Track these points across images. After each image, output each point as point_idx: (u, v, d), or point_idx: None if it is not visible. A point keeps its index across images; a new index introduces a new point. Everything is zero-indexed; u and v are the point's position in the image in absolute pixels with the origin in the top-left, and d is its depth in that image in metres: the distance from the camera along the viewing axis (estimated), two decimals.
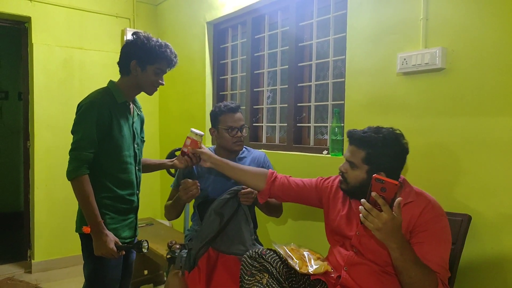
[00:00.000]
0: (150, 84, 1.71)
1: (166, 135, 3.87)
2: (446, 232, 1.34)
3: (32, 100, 3.28)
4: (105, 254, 1.60)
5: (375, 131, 1.41)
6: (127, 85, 1.72)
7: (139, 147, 1.82)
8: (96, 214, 1.57)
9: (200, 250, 1.77)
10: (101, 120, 1.61)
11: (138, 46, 1.65)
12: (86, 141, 1.59)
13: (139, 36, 1.67)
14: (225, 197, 1.84)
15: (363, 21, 1.97)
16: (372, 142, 1.38)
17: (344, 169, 1.48)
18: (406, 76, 1.78)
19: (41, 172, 3.31)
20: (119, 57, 1.72)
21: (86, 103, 1.63)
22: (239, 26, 3.04)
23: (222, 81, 3.27)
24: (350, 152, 1.45)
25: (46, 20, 3.30)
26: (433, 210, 1.35)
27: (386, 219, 1.15)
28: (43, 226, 3.33)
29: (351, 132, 1.46)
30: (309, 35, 2.47)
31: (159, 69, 1.69)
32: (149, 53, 1.65)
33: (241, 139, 2.01)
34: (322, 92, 2.42)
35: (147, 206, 3.69)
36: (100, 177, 1.65)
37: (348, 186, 1.48)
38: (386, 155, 1.37)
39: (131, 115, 1.76)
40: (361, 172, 1.41)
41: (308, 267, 1.44)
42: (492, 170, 1.50)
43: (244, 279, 1.45)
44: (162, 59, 1.68)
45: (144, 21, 3.82)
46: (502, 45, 1.47)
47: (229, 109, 1.98)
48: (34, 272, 3.28)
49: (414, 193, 1.41)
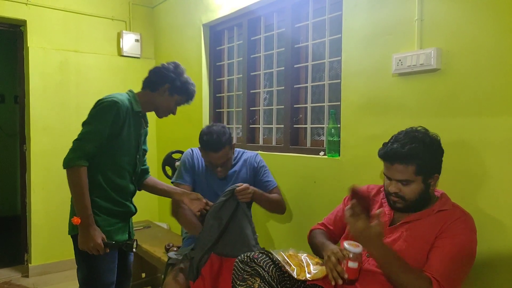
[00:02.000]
0: (167, 110, 1.83)
1: (163, 138, 3.87)
2: (469, 247, 1.31)
3: (28, 104, 3.27)
4: (91, 248, 1.58)
5: (410, 141, 1.37)
6: (146, 99, 1.80)
7: (141, 159, 1.86)
8: (87, 207, 1.58)
9: (202, 259, 1.74)
10: (116, 121, 1.63)
11: (176, 75, 1.79)
12: (95, 136, 1.61)
13: (179, 66, 1.84)
14: (221, 200, 1.82)
15: (359, 22, 1.98)
16: (417, 153, 1.35)
17: (397, 189, 1.40)
18: (402, 77, 1.79)
19: (38, 175, 3.30)
20: (152, 74, 1.81)
21: (108, 100, 1.65)
22: (235, 28, 3.04)
23: (218, 83, 3.27)
24: (397, 171, 1.38)
25: (41, 23, 3.29)
26: (465, 223, 1.34)
27: (360, 227, 1.24)
28: (40, 230, 3.31)
29: (387, 152, 1.39)
30: (305, 37, 2.48)
31: (181, 100, 1.84)
32: (182, 85, 1.81)
33: (222, 171, 1.97)
34: (319, 93, 2.43)
35: (144, 209, 3.67)
36: (97, 176, 1.65)
37: (406, 203, 1.41)
38: (432, 158, 1.38)
39: (140, 127, 1.80)
40: (417, 184, 1.37)
41: (306, 273, 1.41)
42: (489, 169, 1.50)
43: (236, 284, 1.44)
44: (187, 94, 1.84)
45: (140, 24, 3.82)
46: (497, 46, 1.47)
47: (211, 149, 1.90)
48: (31, 276, 3.26)
49: (451, 204, 1.41)
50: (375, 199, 1.59)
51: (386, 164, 1.42)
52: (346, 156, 2.06)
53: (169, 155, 2.84)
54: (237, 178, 2.06)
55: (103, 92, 3.86)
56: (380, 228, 1.23)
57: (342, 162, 2.08)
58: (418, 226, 1.38)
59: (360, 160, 1.97)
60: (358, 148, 1.98)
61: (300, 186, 2.34)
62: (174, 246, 2.41)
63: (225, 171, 1.99)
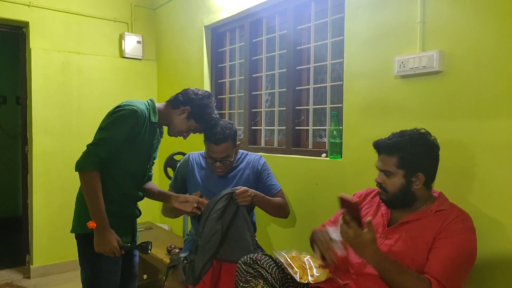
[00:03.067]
0: (178, 131, 1.82)
1: (164, 139, 3.85)
2: (469, 246, 1.32)
3: (30, 105, 3.28)
4: (107, 251, 1.60)
5: (399, 135, 1.43)
6: (165, 113, 1.80)
7: (150, 168, 1.88)
8: (102, 210, 1.59)
9: (205, 266, 1.72)
10: (133, 130, 1.64)
11: (203, 104, 1.78)
12: (111, 142, 1.61)
13: (210, 97, 1.83)
14: (223, 205, 1.78)
15: (361, 24, 1.98)
16: (401, 145, 1.39)
17: (380, 180, 1.46)
18: (404, 79, 1.79)
19: (40, 176, 3.30)
20: (183, 94, 1.80)
21: (130, 108, 1.65)
22: (237, 29, 3.05)
23: (220, 84, 3.27)
24: (382, 162, 1.45)
25: (44, 25, 3.30)
26: (462, 222, 1.35)
27: (351, 235, 1.26)
28: (41, 231, 3.32)
29: (377, 142, 1.47)
30: (307, 39, 2.48)
31: (195, 128, 1.83)
32: (202, 114, 1.79)
33: (221, 168, 1.95)
34: (320, 95, 2.43)
35: (146, 211, 3.66)
36: (106, 182, 1.65)
37: (388, 196, 1.45)
38: (417, 155, 1.39)
39: (154, 137, 1.81)
40: (398, 178, 1.41)
41: (309, 276, 1.41)
42: (491, 171, 1.50)
43: (239, 286, 1.44)
44: (204, 124, 1.82)
45: (142, 25, 3.83)
46: (499, 48, 1.47)
47: (213, 140, 1.88)
48: (33, 277, 3.26)
49: (449, 204, 1.42)
50: (373, 200, 1.61)
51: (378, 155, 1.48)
52: (348, 158, 2.06)
53: (171, 156, 2.84)
54: (240, 179, 2.03)
55: (105, 93, 3.86)
56: (371, 235, 1.25)
57: (344, 164, 2.08)
58: (417, 227, 1.38)
59: (362, 162, 1.97)
60: (360, 150, 1.98)
61: (302, 188, 2.33)
62: (176, 248, 2.41)
63: (223, 169, 1.95)
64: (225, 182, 2.03)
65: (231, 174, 2.05)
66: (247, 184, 1.97)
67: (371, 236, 1.25)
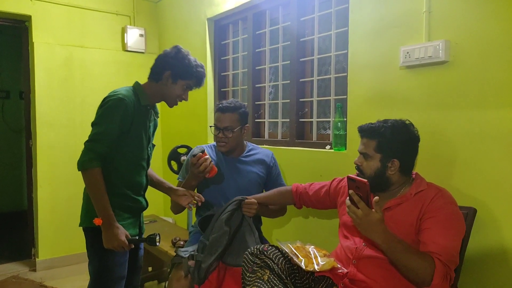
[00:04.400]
0: (175, 97, 1.76)
1: (168, 133, 3.87)
2: (454, 219, 1.35)
3: (34, 99, 3.28)
4: (116, 246, 1.60)
5: (383, 121, 1.50)
6: (153, 91, 1.75)
7: (151, 151, 1.85)
8: (107, 207, 1.59)
9: (212, 265, 1.72)
10: (125, 118, 1.62)
11: (177, 59, 1.71)
12: (106, 135, 1.60)
13: (180, 50, 1.74)
14: (232, 208, 1.80)
15: (365, 15, 1.96)
16: (381, 130, 1.45)
17: (359, 162, 1.53)
18: (409, 69, 1.78)
19: (44, 170, 3.31)
20: (154, 63, 1.75)
21: (115, 98, 1.63)
22: (240, 22, 3.03)
23: (223, 77, 3.26)
24: (363, 145, 1.51)
25: (46, 18, 3.29)
26: (442, 198, 1.39)
27: (361, 214, 1.26)
28: (47, 225, 3.34)
29: (361, 126, 1.54)
30: (311, 30, 2.46)
31: (188, 85, 1.76)
32: (185, 69, 1.72)
33: (222, 140, 1.96)
34: (324, 87, 2.41)
35: (150, 203, 3.66)
36: (110, 174, 1.65)
37: (364, 178, 1.47)
38: (396, 142, 1.44)
39: (148, 120, 1.78)
40: (375, 161, 1.47)
41: (314, 264, 1.42)
42: (496, 162, 1.50)
43: (246, 276, 1.45)
44: (194, 77, 1.75)
45: (145, 19, 3.81)
46: (506, 37, 1.46)
47: (218, 109, 1.98)
48: (39, 270, 3.29)
49: (426, 183, 1.47)
50: None
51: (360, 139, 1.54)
52: (352, 150, 2.05)
53: (175, 149, 2.84)
54: (251, 171, 2.04)
55: (108, 87, 3.87)
56: (380, 214, 1.26)
57: (348, 156, 2.07)
58: (399, 211, 1.43)
59: None
60: None
61: (306, 180, 2.31)
62: (181, 240, 2.42)
63: (226, 142, 1.96)
64: (235, 169, 2.04)
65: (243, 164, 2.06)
66: (259, 178, 2.04)
67: (380, 215, 1.25)
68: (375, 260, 1.42)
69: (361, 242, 1.49)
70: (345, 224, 1.59)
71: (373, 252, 1.43)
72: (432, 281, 1.23)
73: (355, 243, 1.51)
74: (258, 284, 1.39)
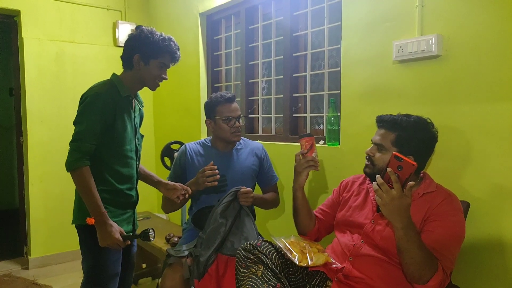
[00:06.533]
0: (153, 79, 1.70)
1: (160, 128, 3.85)
2: (459, 227, 1.34)
3: (24, 96, 3.23)
4: (111, 244, 1.59)
5: (406, 115, 1.45)
6: (130, 80, 1.71)
7: (140, 142, 1.82)
8: (99, 205, 1.57)
9: (210, 258, 1.72)
10: (105, 113, 1.59)
11: (141, 40, 1.64)
12: (89, 133, 1.57)
13: (143, 30, 1.66)
14: (228, 200, 1.80)
15: (358, 9, 1.95)
16: (404, 125, 1.41)
17: (371, 152, 1.49)
18: (402, 64, 1.78)
19: (36, 168, 3.28)
20: (123, 51, 1.70)
21: (91, 94, 1.61)
22: (233, 17, 3.01)
23: (216, 72, 3.24)
24: (379, 136, 1.47)
25: (36, 13, 3.24)
26: (451, 204, 1.37)
27: (395, 196, 1.18)
28: (39, 222, 3.31)
29: (381, 116, 1.49)
30: (304, 25, 2.45)
31: (162, 63, 1.69)
32: (153, 47, 1.64)
33: (239, 130, 2.01)
34: (318, 82, 2.41)
35: (144, 200, 3.65)
36: (100, 170, 1.63)
37: (373, 170, 1.47)
38: (416, 139, 1.40)
39: (133, 110, 1.75)
40: (389, 155, 1.38)
41: (308, 260, 1.42)
42: (489, 156, 1.51)
43: (239, 272, 1.44)
44: (165, 53, 1.67)
45: (136, 14, 3.77)
46: (498, 31, 1.46)
47: (226, 100, 1.98)
48: (31, 268, 3.27)
49: (435, 185, 1.44)
50: (362, 187, 1.63)
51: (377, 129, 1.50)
52: (346, 145, 2.06)
53: (168, 146, 2.83)
54: (244, 163, 2.05)
55: None
56: (410, 200, 1.21)
57: (342, 151, 2.08)
58: None
59: (360, 149, 1.96)
60: (358, 136, 1.97)
61: None
62: (175, 237, 2.41)
63: (240, 128, 2.02)
64: (228, 163, 2.04)
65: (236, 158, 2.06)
66: (252, 169, 2.04)
67: (410, 201, 1.21)
68: (372, 259, 1.42)
69: (359, 239, 1.48)
70: (346, 220, 1.57)
71: (371, 251, 1.43)
72: (429, 282, 1.24)
73: (353, 240, 1.50)
74: (252, 279, 1.39)
